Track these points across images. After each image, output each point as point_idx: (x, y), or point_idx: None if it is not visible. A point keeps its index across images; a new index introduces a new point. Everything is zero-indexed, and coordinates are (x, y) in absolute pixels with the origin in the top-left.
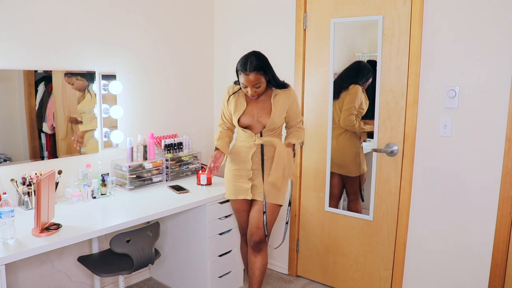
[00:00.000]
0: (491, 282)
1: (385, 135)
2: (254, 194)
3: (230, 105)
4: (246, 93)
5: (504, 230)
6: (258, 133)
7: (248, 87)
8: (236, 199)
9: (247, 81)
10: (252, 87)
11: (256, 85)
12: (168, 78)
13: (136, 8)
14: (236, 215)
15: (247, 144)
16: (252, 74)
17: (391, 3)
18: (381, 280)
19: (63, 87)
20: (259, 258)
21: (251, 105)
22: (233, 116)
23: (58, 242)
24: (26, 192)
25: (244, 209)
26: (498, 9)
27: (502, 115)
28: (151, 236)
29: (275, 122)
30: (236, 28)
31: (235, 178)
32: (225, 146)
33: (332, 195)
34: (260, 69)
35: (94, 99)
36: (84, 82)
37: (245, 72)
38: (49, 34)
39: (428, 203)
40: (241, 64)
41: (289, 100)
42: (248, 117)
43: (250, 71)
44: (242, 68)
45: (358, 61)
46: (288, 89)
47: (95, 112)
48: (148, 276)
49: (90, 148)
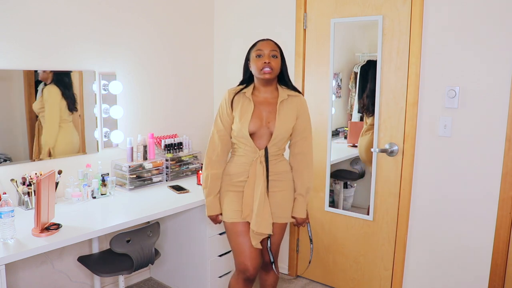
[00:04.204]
0: (491, 282)
1: (385, 135)
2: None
3: (236, 108)
4: (258, 66)
5: (504, 230)
6: (262, 148)
7: (263, 55)
8: (238, 221)
9: (265, 45)
10: (269, 55)
11: (273, 53)
12: (168, 78)
13: (136, 8)
14: (236, 241)
15: (248, 160)
16: (271, 41)
17: (391, 3)
18: (381, 280)
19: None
20: (270, 275)
21: (257, 107)
22: (239, 123)
23: (58, 242)
24: (26, 192)
25: (248, 231)
26: (498, 9)
27: (502, 115)
28: (151, 236)
29: (282, 129)
30: (236, 28)
31: (236, 198)
32: (217, 205)
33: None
34: (277, 45)
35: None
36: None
37: (264, 39)
38: (49, 34)
39: (428, 203)
40: (257, 41)
41: (298, 107)
42: (256, 122)
43: (270, 39)
44: (258, 40)
45: None
46: (298, 96)
47: (95, 112)
48: (148, 276)
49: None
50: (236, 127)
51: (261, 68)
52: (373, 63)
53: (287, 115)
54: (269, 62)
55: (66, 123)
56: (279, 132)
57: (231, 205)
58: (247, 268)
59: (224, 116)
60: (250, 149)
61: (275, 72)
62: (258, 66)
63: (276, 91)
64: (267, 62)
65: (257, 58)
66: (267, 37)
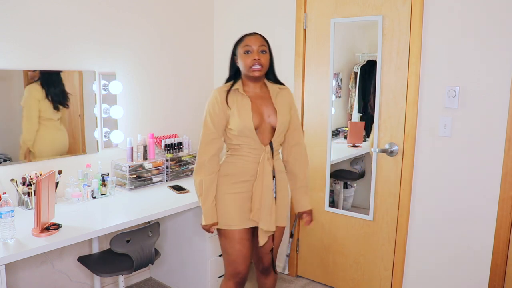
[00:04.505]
0: (491, 282)
1: (385, 135)
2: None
3: (232, 106)
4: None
5: (504, 230)
6: (266, 144)
7: (252, 51)
8: (241, 228)
9: (253, 40)
10: (258, 50)
11: (262, 48)
12: (168, 78)
13: (136, 8)
14: (234, 248)
15: (254, 159)
16: (258, 35)
17: (391, 3)
18: (381, 280)
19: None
20: (270, 278)
21: (254, 102)
22: (240, 120)
23: (58, 242)
24: (26, 192)
25: (247, 237)
26: (498, 9)
27: (502, 115)
28: (151, 236)
29: (283, 122)
30: (236, 28)
31: (238, 201)
32: (215, 212)
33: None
34: (265, 39)
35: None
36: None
37: (250, 34)
38: (49, 34)
39: (428, 203)
40: (242, 35)
41: (289, 99)
42: (257, 117)
43: (257, 33)
44: (245, 34)
45: None
46: (286, 88)
47: (95, 112)
48: (148, 276)
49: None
50: (237, 125)
51: (251, 66)
52: (373, 63)
53: (283, 108)
54: (258, 59)
55: (52, 122)
56: (281, 124)
57: (232, 211)
58: (240, 272)
59: (217, 116)
60: (255, 146)
61: (265, 69)
62: (247, 63)
63: (264, 85)
64: (257, 59)
65: (245, 54)
66: (254, 31)
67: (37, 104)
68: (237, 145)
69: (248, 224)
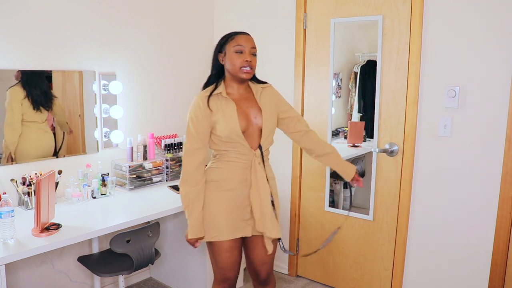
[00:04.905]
0: (491, 282)
1: (385, 135)
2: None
3: (216, 111)
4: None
5: (504, 230)
6: (255, 147)
7: (244, 52)
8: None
9: (246, 40)
10: (250, 52)
11: (253, 51)
12: (168, 77)
13: (136, 8)
14: (222, 256)
15: (243, 164)
16: (250, 36)
17: (391, 3)
18: (381, 280)
19: (63, 87)
20: (269, 287)
21: (238, 105)
22: (226, 124)
23: (58, 242)
24: (26, 192)
25: (236, 246)
26: (498, 9)
27: (502, 115)
28: (151, 236)
29: (270, 121)
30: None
31: (226, 211)
32: (201, 226)
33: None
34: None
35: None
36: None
37: (242, 33)
38: (49, 34)
39: (428, 203)
40: (232, 32)
41: (274, 97)
42: (243, 120)
43: (247, 33)
44: (236, 32)
45: None
46: (269, 86)
47: (95, 112)
48: (148, 276)
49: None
50: (224, 130)
51: (241, 67)
52: (373, 63)
53: (269, 107)
54: (250, 61)
55: (36, 124)
56: (268, 124)
57: (221, 221)
58: (229, 278)
59: (200, 123)
60: (244, 151)
61: (253, 72)
62: (238, 63)
63: (248, 86)
64: (249, 60)
65: (237, 54)
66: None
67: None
68: (224, 150)
69: (237, 235)
